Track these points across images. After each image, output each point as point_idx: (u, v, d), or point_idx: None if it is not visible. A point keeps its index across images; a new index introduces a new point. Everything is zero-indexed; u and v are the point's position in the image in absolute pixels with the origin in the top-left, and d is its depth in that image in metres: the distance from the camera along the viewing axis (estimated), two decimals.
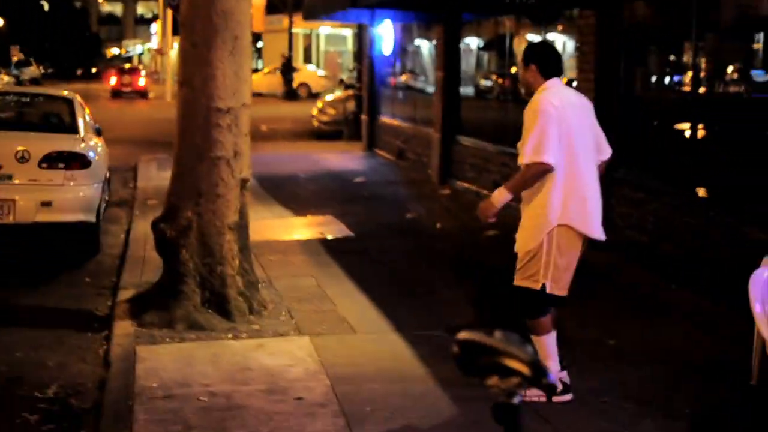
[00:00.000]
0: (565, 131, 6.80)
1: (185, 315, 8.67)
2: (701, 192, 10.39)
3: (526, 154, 6.83)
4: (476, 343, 2.77)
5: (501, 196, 6.98)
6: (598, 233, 7.02)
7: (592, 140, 7.10)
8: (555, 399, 6.95)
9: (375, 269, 11.19)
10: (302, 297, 9.76)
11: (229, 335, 8.44)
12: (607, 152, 7.29)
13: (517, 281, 7.06)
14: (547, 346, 6.97)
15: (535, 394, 6.84)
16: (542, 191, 6.90)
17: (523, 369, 2.67)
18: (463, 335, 2.80)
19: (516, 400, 2.75)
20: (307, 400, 6.86)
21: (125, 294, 9.76)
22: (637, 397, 7.07)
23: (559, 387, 6.94)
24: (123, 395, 7.00)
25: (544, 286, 6.91)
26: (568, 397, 6.98)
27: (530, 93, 7.14)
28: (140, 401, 6.84)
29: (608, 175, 11.58)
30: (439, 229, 13.88)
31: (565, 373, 7.03)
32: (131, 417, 6.57)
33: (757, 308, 6.61)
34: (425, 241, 13.07)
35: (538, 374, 2.66)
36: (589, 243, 7.09)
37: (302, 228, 13.79)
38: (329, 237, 13.02)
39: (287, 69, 58.03)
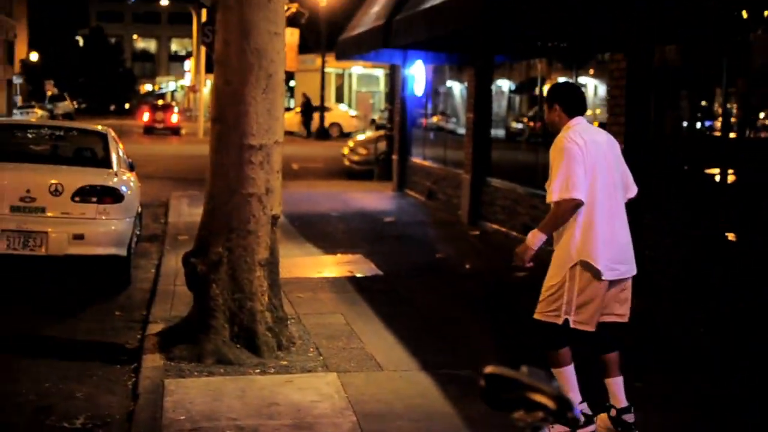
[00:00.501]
0: (589, 168, 6.90)
1: (214, 349, 8.71)
2: (731, 236, 10.39)
3: (554, 192, 6.91)
4: (502, 377, 2.81)
5: (535, 238, 7.05)
6: (616, 273, 7.03)
7: (618, 177, 7.17)
8: None
9: (403, 308, 11.22)
10: (330, 334, 9.79)
11: (257, 370, 8.47)
12: (633, 190, 7.39)
13: (537, 315, 7.13)
14: (567, 378, 7.01)
15: (560, 431, 6.85)
16: (568, 228, 6.98)
17: (549, 403, 2.71)
18: (489, 369, 2.83)
19: None
20: None
21: (155, 327, 9.84)
22: None
23: (582, 419, 6.93)
24: (151, 427, 7.05)
25: (566, 321, 6.96)
26: (591, 428, 6.98)
27: (556, 132, 7.24)
28: None
29: (636, 218, 11.63)
30: (469, 269, 13.90)
31: (585, 404, 7.07)
32: None
33: None
34: (454, 281, 13.08)
35: (563, 408, 2.69)
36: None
37: (331, 266, 13.85)
38: (358, 275, 13.05)
39: (308, 109, 58.02)
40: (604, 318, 7.10)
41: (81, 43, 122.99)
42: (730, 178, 10.94)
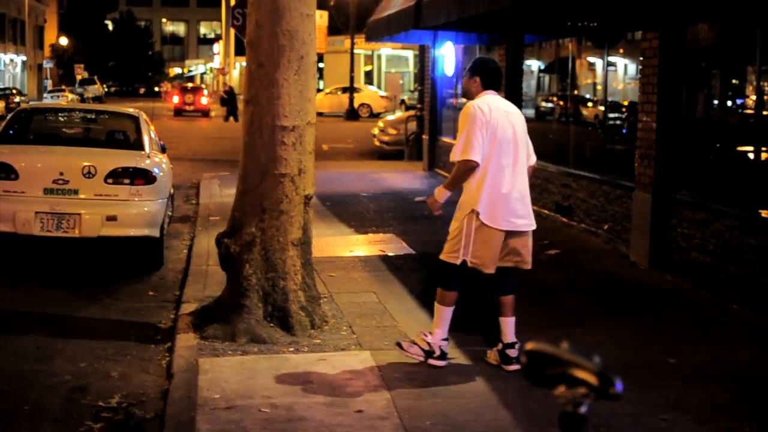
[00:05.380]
0: (491, 131, 7.81)
1: (247, 328, 8.75)
2: (764, 213, 10.33)
3: (456, 152, 7.91)
4: (544, 354, 2.81)
5: (441, 194, 8.14)
6: (512, 225, 7.96)
7: (523, 144, 8.07)
8: (431, 362, 8.04)
9: (436, 287, 11.19)
10: (363, 312, 9.82)
11: (291, 349, 8.51)
12: (532, 159, 8.32)
13: (442, 255, 8.19)
14: (444, 317, 8.18)
15: (414, 353, 8.07)
16: (468, 181, 7.97)
17: (591, 379, 2.70)
18: (530, 346, 2.84)
19: (583, 410, 2.78)
20: (367, 413, 6.90)
21: (188, 307, 9.88)
22: (697, 416, 7.04)
23: (438, 353, 8.07)
24: (186, 406, 7.08)
25: (464, 262, 7.97)
26: (443, 363, 8.06)
27: (470, 98, 8.19)
28: (203, 412, 6.91)
29: (670, 193, 11.63)
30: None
31: (447, 342, 8.17)
32: (194, 427, 6.64)
33: None
34: None
35: (605, 384, 2.69)
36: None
37: (363, 245, 13.86)
38: (390, 254, 13.05)
39: (231, 98, 56.14)
40: (504, 263, 8.07)
41: (110, 27, 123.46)
42: (764, 156, 10.88)
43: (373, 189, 20.97)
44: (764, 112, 10.86)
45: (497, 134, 7.80)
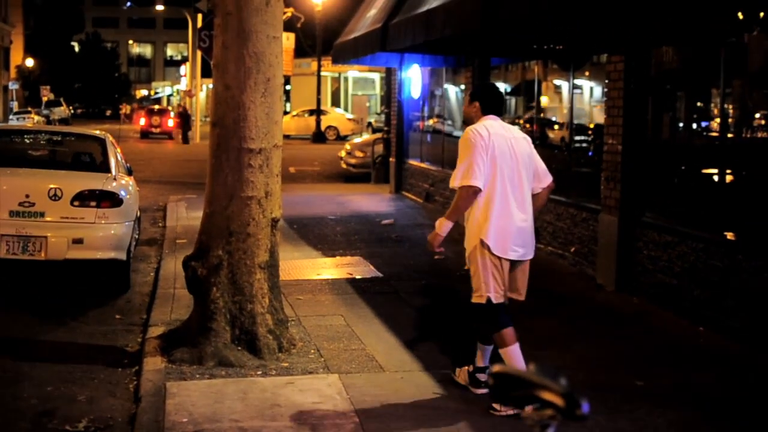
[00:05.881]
0: (491, 158, 7.61)
1: (215, 352, 8.73)
2: (729, 235, 10.41)
3: (456, 178, 7.65)
4: (511, 376, 2.83)
5: (442, 225, 7.70)
6: (517, 254, 7.74)
7: (525, 169, 7.79)
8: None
9: (403, 309, 11.22)
10: (331, 336, 9.81)
11: (259, 372, 8.49)
12: (545, 180, 8.05)
13: (473, 299, 7.91)
14: (514, 357, 7.54)
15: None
16: (473, 212, 7.71)
17: (557, 400, 2.72)
18: (497, 368, 2.85)
19: (550, 431, 2.80)
20: None
21: (155, 331, 9.85)
22: None
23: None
24: (153, 430, 7.05)
25: (489, 299, 7.72)
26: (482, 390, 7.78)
27: (470, 123, 8.02)
28: None
29: (637, 216, 11.68)
30: (466, 270, 13.87)
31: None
32: None
33: None
34: (452, 282, 13.07)
35: (572, 405, 2.71)
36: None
37: (331, 268, 13.86)
38: (357, 277, 13.06)
39: (185, 119, 56.92)
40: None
41: (77, 48, 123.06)
42: (728, 178, 10.96)
43: (340, 212, 20.97)
44: (729, 135, 10.95)
45: (497, 159, 7.60)
